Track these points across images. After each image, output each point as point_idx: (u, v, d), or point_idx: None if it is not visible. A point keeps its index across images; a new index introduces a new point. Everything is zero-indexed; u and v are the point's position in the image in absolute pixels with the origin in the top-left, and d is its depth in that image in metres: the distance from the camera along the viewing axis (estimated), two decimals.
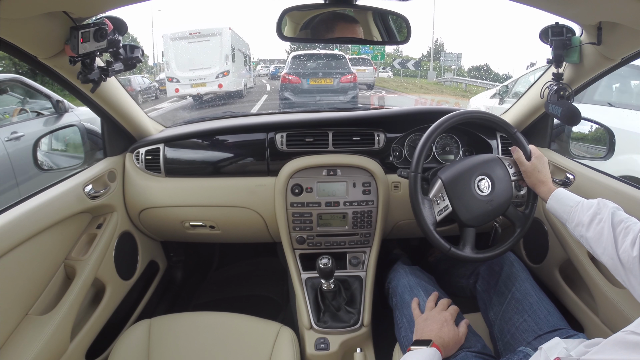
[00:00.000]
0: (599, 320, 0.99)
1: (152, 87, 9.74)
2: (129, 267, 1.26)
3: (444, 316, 0.86)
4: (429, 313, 0.89)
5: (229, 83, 6.48)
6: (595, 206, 0.78)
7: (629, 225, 0.71)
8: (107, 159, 1.20)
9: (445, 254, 0.93)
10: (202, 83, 6.34)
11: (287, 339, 0.98)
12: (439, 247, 0.92)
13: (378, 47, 12.29)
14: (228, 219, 1.26)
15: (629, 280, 0.68)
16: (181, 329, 1.01)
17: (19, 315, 0.85)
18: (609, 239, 0.72)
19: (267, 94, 8.50)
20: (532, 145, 0.97)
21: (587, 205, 0.80)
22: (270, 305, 1.57)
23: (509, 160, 0.98)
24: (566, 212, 0.84)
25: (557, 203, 0.86)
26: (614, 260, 0.70)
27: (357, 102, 5.81)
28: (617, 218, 0.74)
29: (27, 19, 0.68)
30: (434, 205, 0.94)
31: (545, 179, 0.93)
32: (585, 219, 0.78)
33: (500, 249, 0.96)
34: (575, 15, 0.82)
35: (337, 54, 6.10)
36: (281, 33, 0.89)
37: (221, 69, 6.36)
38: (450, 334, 0.83)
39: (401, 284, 1.03)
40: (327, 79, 5.47)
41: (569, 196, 0.85)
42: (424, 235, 0.93)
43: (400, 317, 0.97)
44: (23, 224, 0.84)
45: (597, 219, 0.76)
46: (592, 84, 1.03)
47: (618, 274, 0.71)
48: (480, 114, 1.01)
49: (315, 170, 1.16)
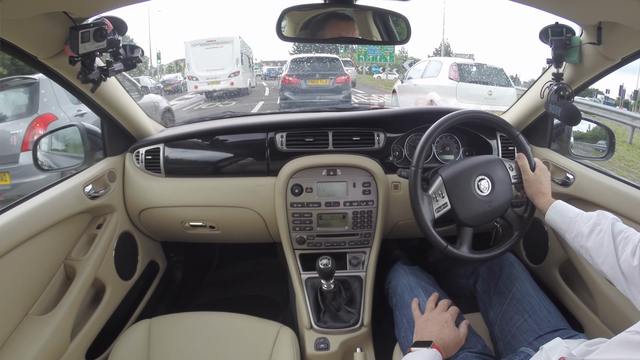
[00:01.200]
0: (599, 320, 0.99)
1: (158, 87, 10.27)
2: (129, 267, 1.26)
3: (445, 317, 0.86)
4: (430, 314, 0.89)
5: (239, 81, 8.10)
6: (595, 217, 0.79)
7: (629, 236, 0.71)
8: (107, 159, 1.20)
9: (442, 251, 0.93)
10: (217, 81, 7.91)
11: (287, 339, 0.97)
12: (435, 244, 0.93)
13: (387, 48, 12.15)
14: (228, 219, 1.26)
15: (630, 291, 0.68)
16: (181, 329, 1.01)
17: (19, 315, 0.85)
18: (609, 248, 0.72)
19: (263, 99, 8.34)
20: (537, 159, 0.97)
21: (586, 216, 0.81)
22: (270, 305, 1.57)
23: (510, 162, 0.98)
24: (565, 223, 0.84)
25: (557, 214, 0.86)
26: (615, 270, 0.70)
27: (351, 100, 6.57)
28: (617, 228, 0.74)
29: (27, 19, 0.68)
30: (432, 202, 0.94)
31: (546, 191, 0.92)
32: (585, 229, 0.78)
33: (498, 251, 0.96)
34: (575, 15, 0.82)
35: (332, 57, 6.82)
36: (281, 33, 0.89)
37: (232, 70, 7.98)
38: (451, 335, 0.83)
39: (401, 284, 1.03)
40: (323, 79, 6.11)
41: (569, 208, 0.86)
42: (421, 231, 0.93)
43: (400, 317, 0.97)
44: (23, 224, 0.84)
45: (597, 229, 0.76)
46: (592, 83, 1.03)
47: (619, 283, 0.71)
48: (482, 114, 1.01)
49: (315, 170, 1.16)
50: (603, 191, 0.99)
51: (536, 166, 0.95)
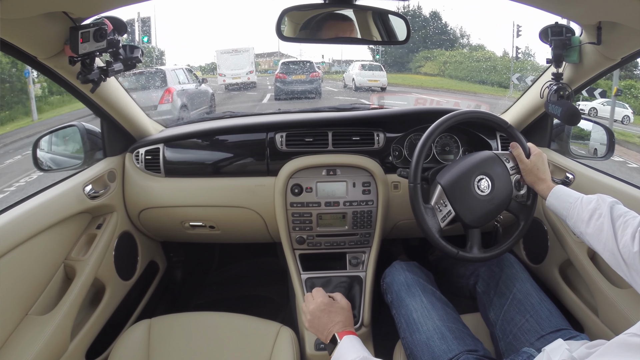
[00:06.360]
0: (599, 320, 0.99)
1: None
2: (129, 267, 1.26)
3: (318, 304, 0.83)
4: (308, 313, 0.84)
5: (253, 77, 12.22)
6: (595, 202, 0.78)
7: (628, 220, 0.70)
8: (106, 159, 1.20)
9: (454, 257, 0.93)
10: (238, 76, 11.97)
11: (287, 339, 0.97)
12: (447, 253, 0.92)
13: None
14: (228, 219, 1.26)
15: (631, 276, 0.68)
16: (181, 329, 1.01)
17: (19, 315, 0.85)
18: (609, 233, 0.71)
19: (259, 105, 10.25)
20: (530, 143, 0.97)
21: (586, 200, 0.80)
22: (270, 305, 1.57)
23: (505, 155, 0.98)
24: (565, 208, 0.83)
25: (557, 200, 0.86)
26: (615, 256, 0.70)
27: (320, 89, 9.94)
28: (616, 212, 0.73)
29: (27, 19, 0.68)
30: (437, 213, 0.93)
31: (545, 177, 0.92)
32: (585, 214, 0.78)
33: (507, 245, 0.96)
34: (575, 15, 0.82)
35: (308, 60, 10.45)
36: (281, 33, 0.89)
37: (249, 69, 12.10)
38: (338, 311, 0.81)
39: (397, 280, 1.01)
40: (302, 74, 9.72)
41: (569, 192, 0.85)
42: (431, 243, 0.93)
43: (398, 316, 0.96)
44: (23, 224, 0.84)
45: (597, 214, 0.76)
46: (591, 83, 1.03)
47: (620, 269, 0.70)
48: (478, 114, 1.01)
49: (315, 170, 1.16)
50: (603, 191, 0.99)
51: (531, 152, 0.95)
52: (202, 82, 7.72)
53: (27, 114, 8.64)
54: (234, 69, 11.89)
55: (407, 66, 18.39)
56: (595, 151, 1.25)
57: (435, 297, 0.95)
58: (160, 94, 6.24)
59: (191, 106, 6.78)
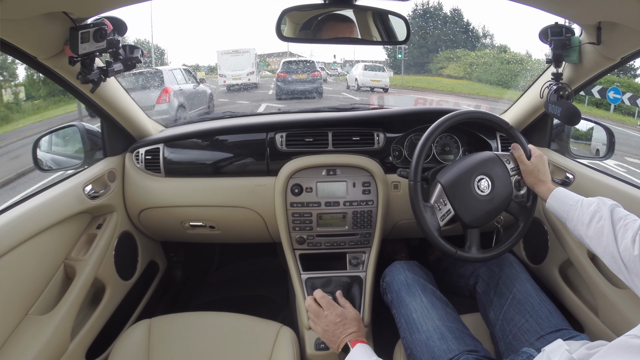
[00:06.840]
0: (599, 321, 0.99)
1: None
2: (129, 267, 1.26)
3: (331, 316, 0.83)
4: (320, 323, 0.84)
5: (253, 78, 12.04)
6: (595, 204, 0.78)
7: (628, 223, 0.70)
8: (106, 159, 1.20)
9: (453, 257, 0.93)
10: (239, 77, 11.81)
11: (287, 339, 0.97)
12: (445, 252, 0.92)
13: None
14: (228, 219, 1.26)
15: (632, 280, 0.68)
16: (181, 329, 1.01)
17: (19, 315, 0.85)
18: (609, 236, 0.71)
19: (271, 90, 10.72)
20: (531, 145, 0.97)
21: (586, 203, 0.80)
22: (270, 305, 1.57)
23: (506, 155, 0.98)
24: (566, 211, 0.83)
25: (557, 202, 0.86)
26: (615, 259, 0.70)
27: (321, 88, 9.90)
28: (616, 215, 0.73)
29: (27, 19, 0.68)
30: (436, 212, 0.93)
31: (545, 179, 0.92)
32: (585, 217, 0.78)
33: (506, 246, 0.96)
34: (575, 15, 0.82)
35: (308, 60, 10.76)
36: (281, 33, 0.89)
37: (250, 70, 11.87)
38: (352, 323, 0.82)
39: (397, 280, 1.01)
40: (303, 74, 9.74)
41: (569, 195, 0.85)
42: (430, 242, 0.93)
43: (398, 316, 0.96)
44: (23, 224, 0.84)
45: (597, 217, 0.76)
46: (591, 83, 1.03)
47: (621, 273, 0.70)
48: (478, 114, 1.01)
49: (315, 170, 1.16)
50: (603, 191, 0.99)
51: (532, 154, 0.95)
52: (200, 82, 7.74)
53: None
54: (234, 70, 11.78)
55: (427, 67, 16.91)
56: (597, 151, 1.26)
57: (435, 296, 0.95)
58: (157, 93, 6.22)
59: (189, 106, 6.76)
